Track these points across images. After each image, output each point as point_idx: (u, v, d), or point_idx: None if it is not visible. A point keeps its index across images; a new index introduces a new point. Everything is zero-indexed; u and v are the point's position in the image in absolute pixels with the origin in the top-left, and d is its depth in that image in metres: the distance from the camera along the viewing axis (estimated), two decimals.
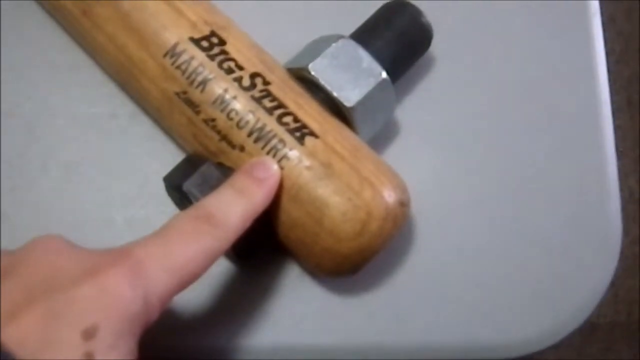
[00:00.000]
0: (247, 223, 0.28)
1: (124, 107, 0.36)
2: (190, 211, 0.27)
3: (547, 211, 0.36)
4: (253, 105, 0.30)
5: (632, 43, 1.12)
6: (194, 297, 0.33)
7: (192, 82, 0.30)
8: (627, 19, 1.13)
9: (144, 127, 0.36)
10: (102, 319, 0.22)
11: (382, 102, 0.32)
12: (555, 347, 0.35)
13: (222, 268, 0.34)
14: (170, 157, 0.34)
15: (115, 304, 0.23)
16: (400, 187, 0.30)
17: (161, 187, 0.32)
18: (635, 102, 1.09)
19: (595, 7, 0.39)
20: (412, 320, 0.34)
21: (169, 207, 0.33)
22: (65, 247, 0.25)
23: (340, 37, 0.32)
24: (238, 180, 0.29)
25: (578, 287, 0.35)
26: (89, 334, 0.22)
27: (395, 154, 0.35)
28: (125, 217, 0.34)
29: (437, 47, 0.36)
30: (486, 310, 0.34)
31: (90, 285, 0.23)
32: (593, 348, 0.98)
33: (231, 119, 0.30)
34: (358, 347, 0.33)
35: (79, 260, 0.24)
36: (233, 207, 0.28)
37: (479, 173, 0.36)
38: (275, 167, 0.29)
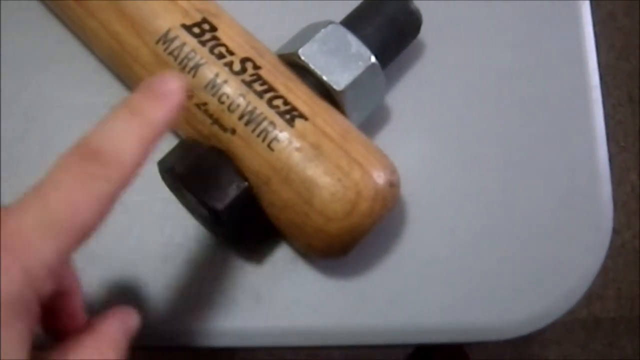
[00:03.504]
0: (148, 149, 0.23)
1: (120, 96, 0.36)
2: (73, 151, 0.22)
3: (538, 195, 0.36)
4: (244, 89, 0.30)
5: (632, 39, 1.12)
6: (187, 281, 0.34)
7: (184, 68, 0.31)
8: (626, 15, 1.13)
9: None
10: None
11: (371, 86, 0.33)
12: (558, 343, 0.36)
13: (215, 251, 0.34)
14: (164, 143, 0.35)
15: None
16: (390, 168, 0.31)
17: (156, 173, 0.33)
18: (636, 98, 1.09)
19: None
20: (404, 303, 0.34)
21: (164, 192, 0.34)
22: None
23: (330, 22, 0.32)
24: (132, 99, 0.24)
25: (569, 271, 0.35)
26: None
27: (385, 139, 0.36)
28: (120, 203, 0.35)
29: (426, 33, 0.36)
30: (477, 293, 0.34)
31: None
32: (596, 343, 0.98)
33: (222, 103, 0.30)
34: (351, 330, 0.34)
35: None
36: (127, 133, 0.23)
37: (469, 157, 0.36)
38: (178, 80, 0.24)
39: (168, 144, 0.33)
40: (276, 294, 0.34)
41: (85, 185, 0.22)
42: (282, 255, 0.34)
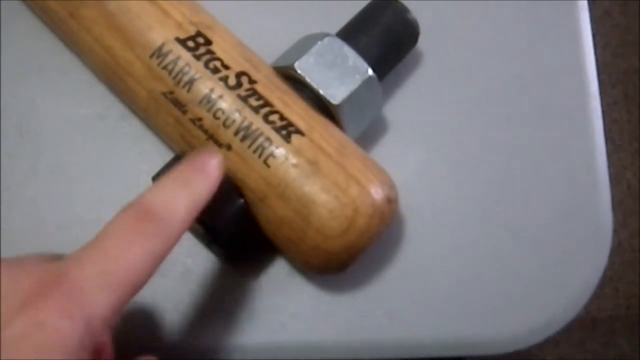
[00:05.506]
0: (193, 215, 0.26)
1: (113, 108, 0.36)
2: (130, 210, 0.24)
3: (537, 205, 0.36)
4: (239, 104, 0.30)
5: (628, 36, 1.12)
6: (183, 296, 0.33)
7: (178, 82, 0.30)
8: (622, 13, 1.13)
9: (133, 128, 0.36)
10: (42, 358, 0.20)
11: (368, 99, 0.32)
12: (556, 343, 0.35)
13: (212, 267, 0.34)
14: (159, 157, 0.35)
15: (54, 339, 0.21)
16: (387, 184, 0.30)
17: None
18: (632, 96, 1.09)
19: (583, 1, 0.39)
20: (403, 317, 0.34)
21: None
22: None
23: (326, 35, 0.32)
24: (180, 170, 0.27)
25: (569, 281, 0.35)
26: None
27: (383, 152, 0.35)
28: None
29: (423, 43, 0.36)
30: (477, 306, 0.34)
31: (24, 322, 0.21)
32: (593, 343, 0.98)
33: (217, 118, 0.30)
34: (349, 345, 0.33)
35: (11, 287, 0.22)
36: (177, 200, 0.25)
37: (467, 169, 0.36)
38: (220, 156, 0.28)
39: (163, 158, 0.32)
40: (273, 309, 0.33)
41: (140, 242, 0.23)
42: (279, 270, 0.34)
